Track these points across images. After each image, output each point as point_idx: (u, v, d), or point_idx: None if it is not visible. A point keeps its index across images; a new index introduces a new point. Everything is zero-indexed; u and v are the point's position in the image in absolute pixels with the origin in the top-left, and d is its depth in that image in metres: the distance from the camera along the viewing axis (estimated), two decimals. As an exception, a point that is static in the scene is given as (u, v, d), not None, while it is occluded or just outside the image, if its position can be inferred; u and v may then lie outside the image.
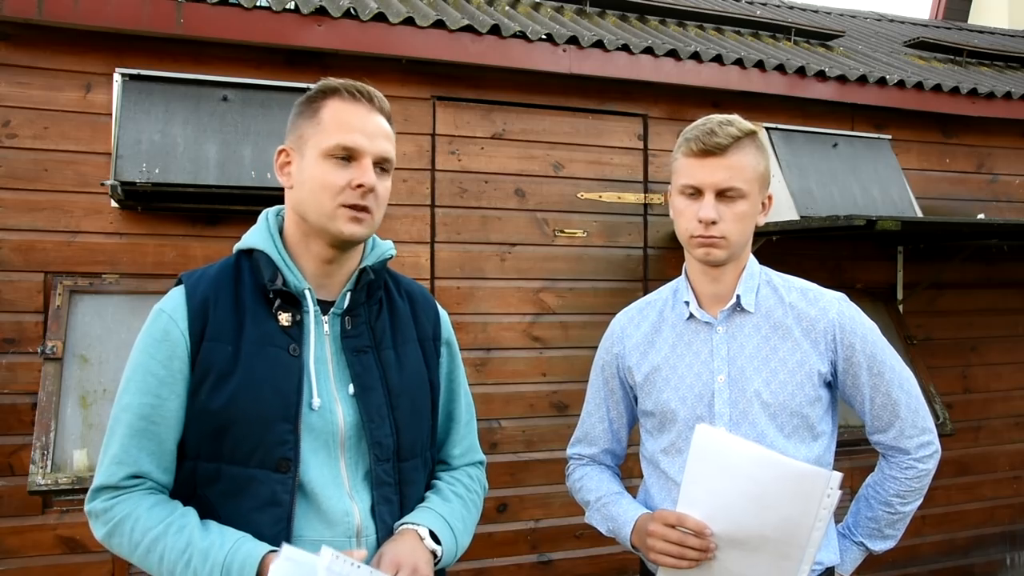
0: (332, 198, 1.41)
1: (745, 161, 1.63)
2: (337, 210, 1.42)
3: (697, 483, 1.53)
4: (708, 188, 1.62)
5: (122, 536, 1.39)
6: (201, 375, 1.40)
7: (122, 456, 1.40)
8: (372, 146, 1.44)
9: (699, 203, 1.63)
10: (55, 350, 2.98)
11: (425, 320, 1.62)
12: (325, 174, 1.42)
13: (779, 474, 1.46)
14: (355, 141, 1.42)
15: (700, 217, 1.62)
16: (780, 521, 1.47)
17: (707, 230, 1.62)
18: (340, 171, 1.42)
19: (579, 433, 1.94)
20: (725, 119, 1.64)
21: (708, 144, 1.61)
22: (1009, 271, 4.74)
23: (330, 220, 1.42)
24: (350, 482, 1.45)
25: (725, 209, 1.62)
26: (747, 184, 1.63)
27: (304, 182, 1.44)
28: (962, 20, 8.87)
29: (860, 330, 1.70)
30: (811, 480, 1.44)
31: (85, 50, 3.17)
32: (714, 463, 1.50)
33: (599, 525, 1.82)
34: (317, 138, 1.43)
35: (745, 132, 1.63)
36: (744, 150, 1.63)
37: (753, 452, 1.48)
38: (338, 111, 1.44)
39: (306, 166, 1.44)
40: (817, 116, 4.35)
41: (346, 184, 1.41)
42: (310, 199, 1.43)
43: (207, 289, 1.45)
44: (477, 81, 3.73)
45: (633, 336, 1.82)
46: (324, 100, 1.46)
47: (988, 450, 4.71)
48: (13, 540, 3.05)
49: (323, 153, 1.42)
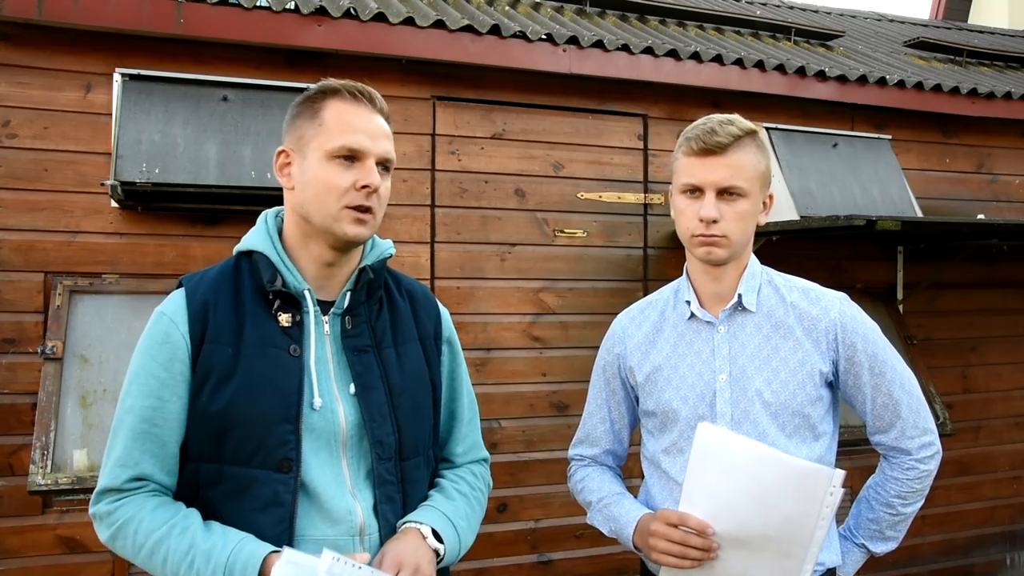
0: (337, 200, 1.42)
1: (746, 160, 1.63)
2: (342, 212, 1.42)
3: (699, 482, 1.53)
4: (709, 187, 1.62)
5: (126, 539, 1.39)
6: (202, 377, 1.40)
7: (125, 459, 1.41)
8: (375, 147, 1.45)
9: (700, 202, 1.63)
10: (55, 350, 2.98)
11: (426, 319, 1.62)
12: (330, 176, 1.42)
13: (782, 472, 1.45)
14: (359, 142, 1.43)
15: (701, 216, 1.62)
16: (782, 520, 1.47)
17: (708, 229, 1.62)
18: (344, 172, 1.42)
19: (580, 434, 1.94)
20: (726, 118, 1.65)
21: (709, 143, 1.61)
22: (1009, 271, 4.74)
23: (334, 222, 1.42)
24: (352, 481, 1.45)
25: (726, 208, 1.62)
26: (748, 183, 1.63)
27: (308, 184, 1.44)
28: (962, 20, 8.87)
29: (862, 330, 1.70)
30: (814, 478, 1.44)
31: (85, 50, 3.17)
32: (716, 462, 1.50)
33: (601, 526, 1.82)
34: (320, 139, 1.43)
35: (746, 131, 1.63)
36: (745, 149, 1.63)
37: (755, 450, 1.48)
38: (340, 112, 1.44)
39: (309, 167, 1.44)
40: (817, 116, 4.35)
41: (350, 185, 1.42)
42: (314, 201, 1.43)
43: (207, 291, 1.45)
44: (477, 81, 3.73)
45: (634, 336, 1.81)
46: (325, 101, 1.46)
47: (988, 450, 4.71)
48: (13, 540, 3.05)
49: (327, 154, 1.42)
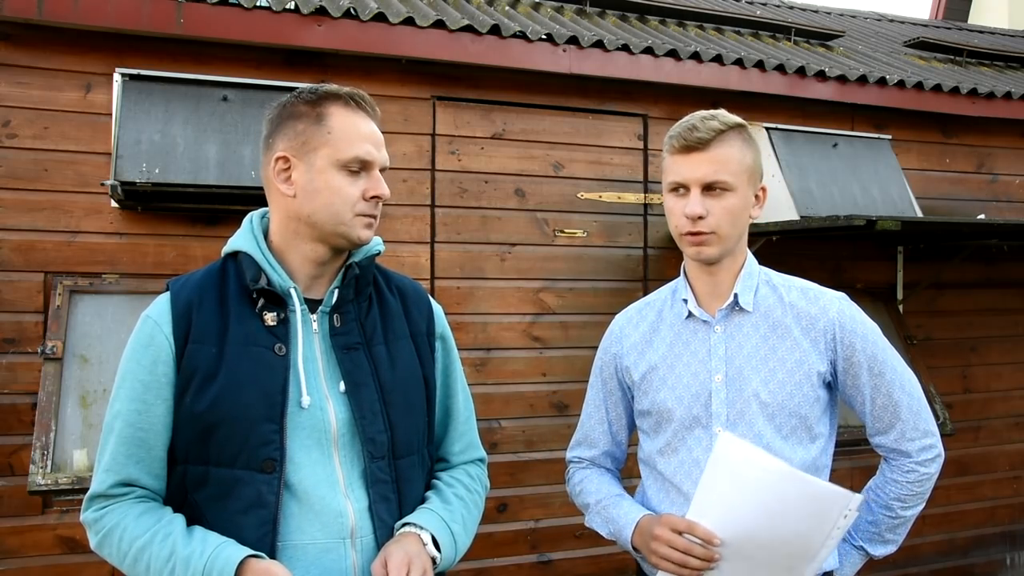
0: (350, 208, 1.44)
1: (729, 154, 1.62)
2: (355, 219, 1.45)
3: (712, 491, 1.51)
4: (693, 183, 1.61)
5: (111, 546, 1.39)
6: (186, 378, 1.40)
7: (111, 464, 1.41)
8: (380, 156, 1.48)
9: (686, 200, 1.63)
10: (55, 350, 2.98)
11: (417, 315, 1.61)
12: (342, 186, 1.44)
13: (801, 492, 1.44)
14: (369, 153, 1.46)
15: (686, 213, 1.62)
16: (792, 536, 1.46)
17: (695, 226, 1.62)
18: (355, 182, 1.45)
19: (579, 436, 1.92)
20: (708, 114, 1.64)
21: (689, 139, 1.61)
22: (1009, 271, 4.74)
23: (349, 228, 1.45)
24: (345, 481, 1.44)
25: (713, 203, 1.61)
26: (733, 176, 1.61)
27: (317, 192, 1.44)
28: (962, 20, 8.86)
29: (861, 330, 1.68)
30: (831, 500, 1.43)
31: (85, 50, 3.17)
32: (733, 473, 1.48)
33: (600, 528, 1.80)
34: (330, 149, 1.43)
35: (729, 125, 1.63)
36: (728, 143, 1.62)
37: (777, 467, 1.46)
38: (346, 121, 1.45)
39: (317, 176, 1.44)
40: (817, 116, 4.35)
41: (361, 195, 1.45)
42: (324, 209, 1.44)
43: (191, 292, 1.45)
44: (477, 81, 3.73)
45: (631, 336, 1.81)
46: (328, 107, 1.45)
47: (988, 450, 4.71)
48: (13, 540, 3.05)
49: (338, 164, 1.44)
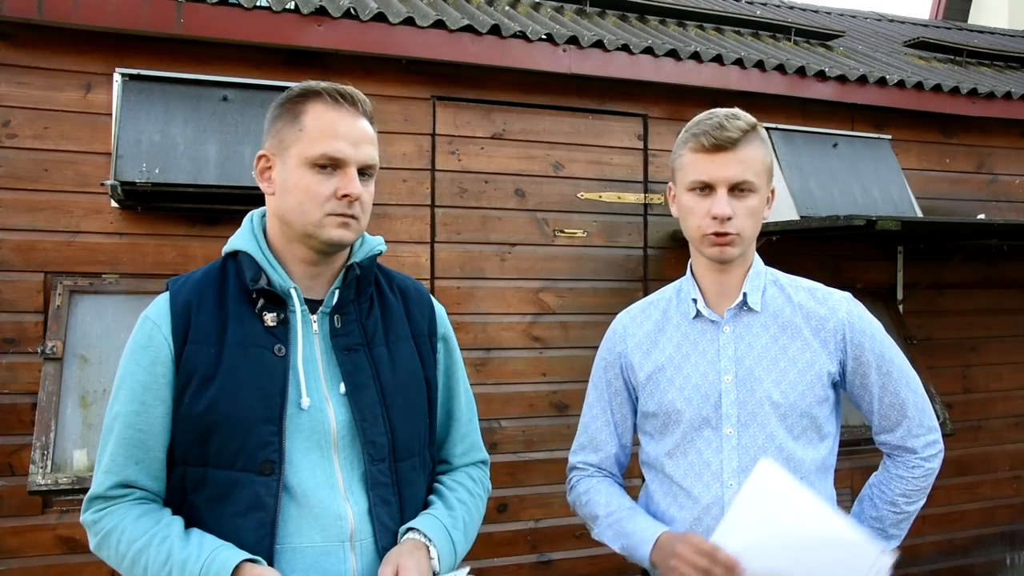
0: (319, 207, 1.39)
1: (755, 154, 1.61)
2: (324, 218, 1.39)
3: (743, 517, 1.50)
4: (721, 183, 1.59)
5: (110, 548, 1.38)
6: (185, 379, 1.38)
7: (110, 465, 1.40)
8: (357, 154, 1.41)
9: (711, 199, 1.60)
10: (55, 350, 2.98)
11: (419, 316, 1.58)
12: (310, 184, 1.39)
13: (833, 536, 1.44)
14: (340, 150, 1.39)
15: (715, 213, 1.59)
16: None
17: (722, 226, 1.59)
18: (325, 180, 1.39)
19: (582, 439, 1.86)
20: (730, 112, 1.62)
21: (719, 138, 1.58)
22: (1009, 271, 4.74)
23: (317, 227, 1.40)
24: (345, 483, 1.42)
25: (738, 204, 1.60)
26: (757, 177, 1.61)
27: (288, 190, 1.41)
28: (962, 20, 8.86)
29: (869, 329, 1.69)
30: (863, 553, 1.43)
31: (85, 50, 3.17)
32: (768, 503, 1.47)
33: (611, 542, 1.75)
34: (300, 146, 1.39)
35: (752, 125, 1.62)
36: (752, 143, 1.61)
37: (814, 507, 1.46)
38: (321, 117, 1.40)
39: (289, 174, 1.41)
40: (817, 116, 4.35)
41: (331, 194, 1.39)
42: (295, 208, 1.40)
43: (190, 292, 1.43)
44: (477, 81, 3.73)
45: (636, 335, 1.78)
46: (305, 104, 1.41)
47: (988, 450, 4.71)
48: (13, 540, 3.04)
49: (307, 162, 1.39)
